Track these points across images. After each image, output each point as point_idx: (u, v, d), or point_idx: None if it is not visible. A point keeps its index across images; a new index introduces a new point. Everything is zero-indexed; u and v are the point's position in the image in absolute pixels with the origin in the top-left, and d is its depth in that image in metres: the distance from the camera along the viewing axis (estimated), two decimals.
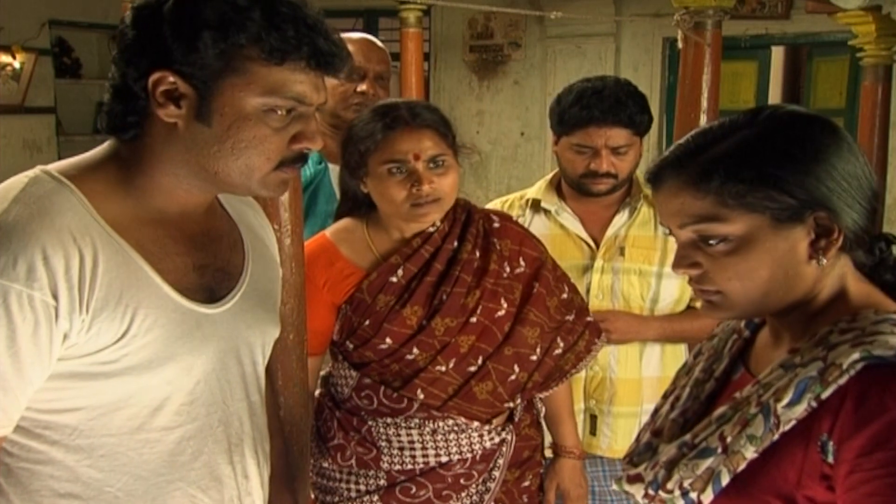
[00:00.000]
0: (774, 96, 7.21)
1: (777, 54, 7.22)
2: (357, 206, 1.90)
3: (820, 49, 6.26)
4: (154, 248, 1.15)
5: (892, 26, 4.30)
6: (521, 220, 2.22)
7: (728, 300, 1.08)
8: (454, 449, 1.81)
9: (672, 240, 2.05)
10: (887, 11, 4.12)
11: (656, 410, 1.24)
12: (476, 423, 1.81)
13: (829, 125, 1.07)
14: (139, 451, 1.14)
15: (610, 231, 2.20)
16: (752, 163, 1.03)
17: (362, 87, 2.42)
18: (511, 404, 1.87)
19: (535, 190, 2.31)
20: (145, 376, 1.12)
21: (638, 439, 1.20)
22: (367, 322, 1.79)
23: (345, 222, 1.92)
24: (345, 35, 2.59)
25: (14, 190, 1.07)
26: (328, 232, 1.91)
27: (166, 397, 1.15)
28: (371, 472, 1.84)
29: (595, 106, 2.10)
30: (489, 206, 2.29)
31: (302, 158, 1.19)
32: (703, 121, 2.83)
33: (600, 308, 2.17)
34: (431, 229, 1.84)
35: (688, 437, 1.08)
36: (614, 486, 1.20)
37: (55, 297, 1.03)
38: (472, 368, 1.80)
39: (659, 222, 1.28)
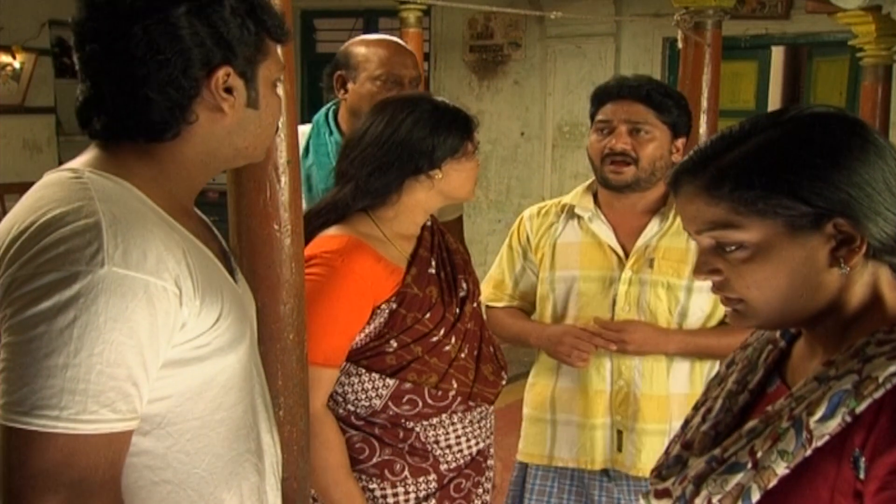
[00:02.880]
0: (774, 96, 7.21)
1: (777, 54, 7.22)
2: (365, 201, 1.84)
3: (820, 49, 6.26)
4: (199, 235, 1.20)
5: (892, 26, 4.30)
6: (554, 228, 2.19)
7: (750, 308, 1.05)
8: (484, 434, 1.89)
9: None
10: (887, 11, 4.12)
11: (687, 422, 1.19)
12: (491, 407, 1.91)
13: (856, 127, 1.02)
14: (217, 430, 1.18)
15: (640, 241, 2.10)
16: (764, 168, 1.00)
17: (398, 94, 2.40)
18: (504, 382, 1.93)
19: (571, 195, 2.24)
20: (228, 356, 1.17)
21: (667, 452, 1.16)
22: (426, 315, 1.78)
23: (356, 222, 1.84)
24: (372, 37, 2.52)
25: (82, 190, 1.07)
26: (351, 231, 1.81)
27: (235, 375, 1.20)
28: (422, 479, 1.80)
29: (616, 82, 2.13)
30: (526, 213, 2.29)
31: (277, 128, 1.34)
32: (703, 121, 2.84)
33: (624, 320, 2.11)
34: (429, 223, 1.91)
35: (717, 451, 1.04)
36: (641, 501, 1.16)
37: (178, 286, 1.07)
38: (476, 352, 1.87)
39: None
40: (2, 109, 6.24)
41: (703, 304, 2.08)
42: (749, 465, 0.99)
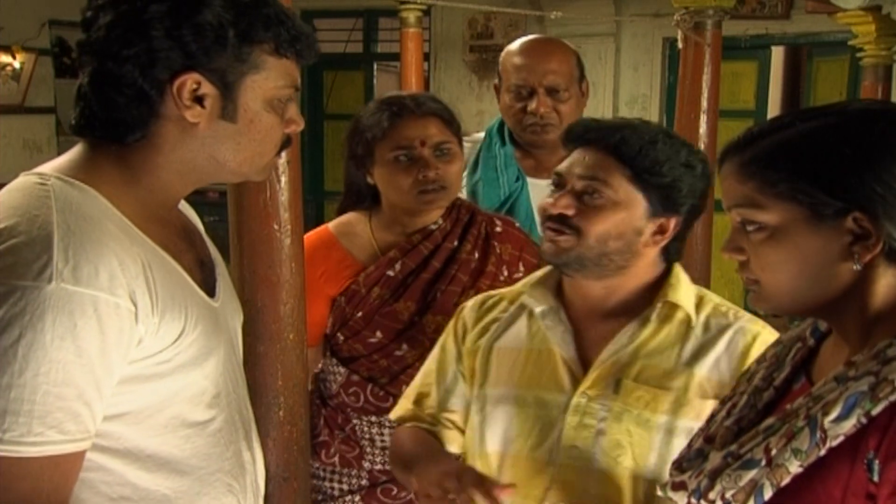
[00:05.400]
0: (774, 96, 7.21)
1: (777, 54, 7.22)
2: (361, 200, 1.92)
3: (820, 49, 6.26)
4: (171, 246, 1.16)
5: (892, 26, 4.31)
6: (496, 326, 1.53)
7: (764, 291, 1.06)
8: None
9: (696, 381, 1.40)
10: (887, 11, 4.13)
11: (712, 416, 1.17)
12: None
13: None
14: (181, 448, 1.14)
15: (606, 353, 1.41)
16: (793, 154, 1.02)
17: (531, 105, 2.14)
18: None
19: (523, 282, 1.56)
20: (192, 373, 1.13)
21: (690, 445, 1.16)
22: (359, 314, 1.80)
23: (348, 216, 1.93)
24: (519, 42, 2.24)
25: (42, 198, 1.03)
26: (331, 224, 1.92)
27: (202, 392, 1.17)
28: (354, 472, 1.84)
29: (584, 122, 1.51)
30: (469, 302, 1.62)
31: (290, 142, 1.25)
32: (703, 121, 2.84)
33: (566, 480, 1.38)
34: (433, 227, 1.86)
35: (734, 446, 1.05)
36: (659, 493, 1.15)
37: (133, 302, 1.03)
38: None
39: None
40: (2, 109, 6.24)
41: None
42: (763, 462, 1.00)
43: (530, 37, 2.33)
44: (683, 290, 1.43)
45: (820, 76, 6.29)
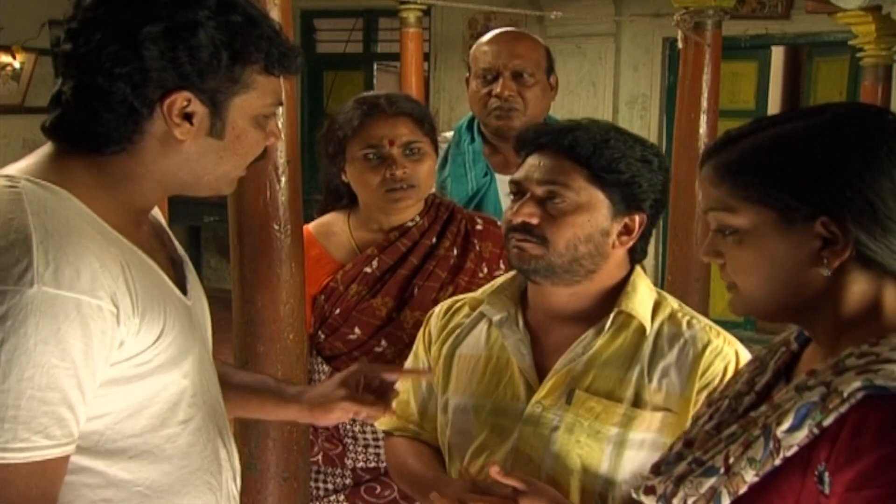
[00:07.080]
0: (774, 96, 7.21)
1: (777, 54, 7.22)
2: (339, 199, 1.94)
3: (820, 49, 6.26)
4: (146, 246, 1.16)
5: (892, 26, 4.31)
6: (459, 331, 1.55)
7: (739, 294, 1.06)
8: None
9: (647, 393, 1.39)
10: (887, 11, 4.13)
11: (697, 419, 1.17)
12: None
13: (876, 130, 0.98)
14: (163, 448, 1.14)
15: (560, 362, 1.41)
16: (764, 158, 1.01)
17: (496, 89, 2.18)
18: None
19: (482, 289, 1.58)
20: (171, 372, 1.13)
21: (671, 448, 1.16)
22: (337, 311, 1.82)
23: (328, 216, 1.96)
24: (487, 35, 2.31)
25: (15, 201, 1.02)
26: (311, 225, 1.94)
27: (182, 391, 1.17)
28: (337, 471, 1.86)
29: (535, 128, 1.52)
30: (437, 308, 1.63)
31: (264, 154, 1.25)
32: (703, 121, 2.84)
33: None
34: (410, 224, 1.87)
35: (699, 452, 1.05)
36: (633, 495, 1.15)
37: (115, 304, 1.02)
38: None
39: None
40: (2, 109, 6.23)
41: (640, 468, 1.36)
42: (722, 471, 0.99)
43: (500, 29, 2.38)
44: (639, 297, 1.43)
45: (820, 76, 6.28)
